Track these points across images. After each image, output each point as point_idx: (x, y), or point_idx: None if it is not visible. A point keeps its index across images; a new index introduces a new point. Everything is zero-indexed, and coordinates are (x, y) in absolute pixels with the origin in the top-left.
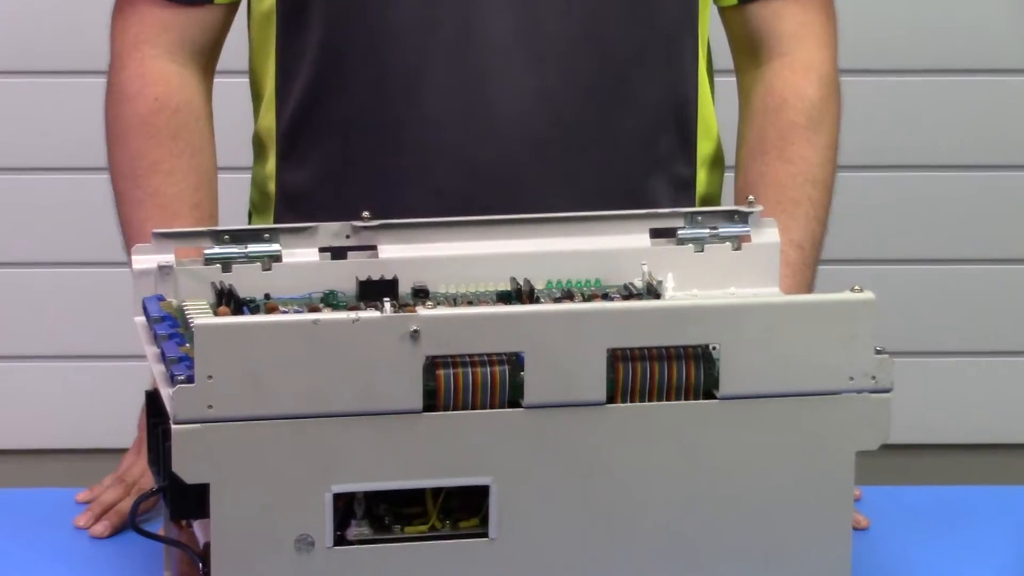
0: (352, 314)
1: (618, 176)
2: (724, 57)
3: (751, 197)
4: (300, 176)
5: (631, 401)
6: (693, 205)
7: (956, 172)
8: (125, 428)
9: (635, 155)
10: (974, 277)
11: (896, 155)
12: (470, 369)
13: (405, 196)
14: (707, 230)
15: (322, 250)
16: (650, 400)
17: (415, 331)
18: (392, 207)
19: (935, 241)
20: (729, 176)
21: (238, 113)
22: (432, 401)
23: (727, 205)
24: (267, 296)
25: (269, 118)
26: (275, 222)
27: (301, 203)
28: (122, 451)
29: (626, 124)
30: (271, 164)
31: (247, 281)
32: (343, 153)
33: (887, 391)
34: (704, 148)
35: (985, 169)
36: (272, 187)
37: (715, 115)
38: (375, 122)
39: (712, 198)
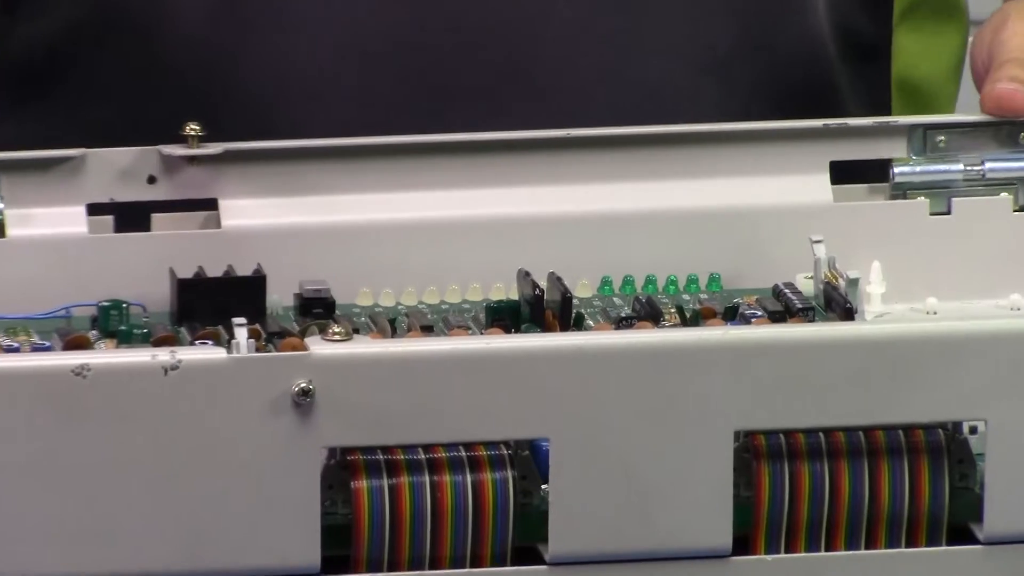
0: (164, 354)
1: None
2: None
3: None
4: (43, 26)
5: (789, 550)
6: (886, 91)
7: None
8: None
9: None
10: None
11: None
12: (427, 478)
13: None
14: (958, 166)
15: (92, 209)
16: (832, 547)
17: (304, 391)
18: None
19: None
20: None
21: None
22: (343, 550)
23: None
24: None
25: None
26: None
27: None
28: None
29: None
30: None
31: None
32: None
33: None
34: None
35: None
36: None
37: None
38: None
39: (923, 87)
